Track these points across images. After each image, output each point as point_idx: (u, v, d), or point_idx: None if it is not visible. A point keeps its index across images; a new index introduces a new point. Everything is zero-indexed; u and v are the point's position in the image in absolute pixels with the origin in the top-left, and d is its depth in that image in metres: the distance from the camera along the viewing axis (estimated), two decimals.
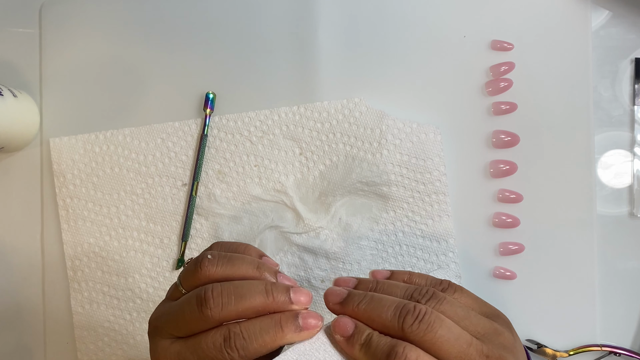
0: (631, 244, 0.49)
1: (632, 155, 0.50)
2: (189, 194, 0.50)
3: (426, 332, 0.28)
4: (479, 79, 0.50)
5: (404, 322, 0.28)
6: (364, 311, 0.30)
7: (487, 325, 0.30)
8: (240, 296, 0.29)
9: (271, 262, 0.34)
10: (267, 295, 0.30)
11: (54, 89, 0.53)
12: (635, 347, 0.49)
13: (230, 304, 0.29)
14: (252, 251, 0.34)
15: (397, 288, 0.32)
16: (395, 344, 0.28)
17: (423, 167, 0.49)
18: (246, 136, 0.50)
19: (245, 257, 0.32)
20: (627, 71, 0.50)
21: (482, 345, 0.29)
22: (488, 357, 0.28)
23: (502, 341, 0.30)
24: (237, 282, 0.30)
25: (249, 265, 0.32)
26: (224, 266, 0.31)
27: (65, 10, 0.53)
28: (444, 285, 0.32)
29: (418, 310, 0.29)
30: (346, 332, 0.30)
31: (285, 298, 0.30)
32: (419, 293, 0.31)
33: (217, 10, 0.52)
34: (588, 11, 0.50)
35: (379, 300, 0.30)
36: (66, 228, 0.51)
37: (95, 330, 0.51)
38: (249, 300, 0.29)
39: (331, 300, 0.32)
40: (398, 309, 0.29)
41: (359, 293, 0.31)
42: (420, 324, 0.28)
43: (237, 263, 0.31)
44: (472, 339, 0.28)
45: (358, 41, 0.51)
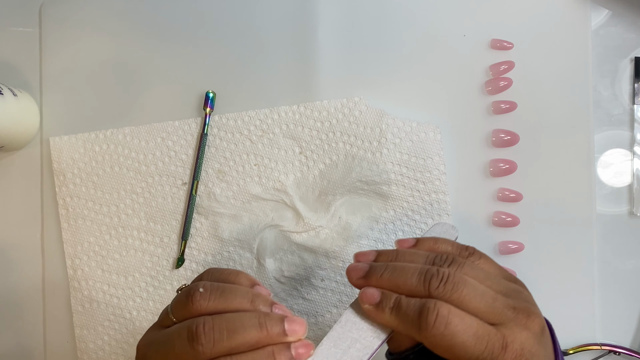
0: (631, 243, 0.49)
1: (632, 154, 0.50)
2: (189, 192, 0.50)
3: (453, 292, 0.29)
4: (478, 78, 0.50)
5: (430, 285, 0.29)
6: (388, 280, 0.31)
7: (508, 285, 0.31)
8: (233, 331, 0.28)
9: (264, 290, 0.32)
10: (261, 328, 0.28)
11: (54, 88, 0.53)
12: (634, 346, 0.49)
13: (223, 340, 0.28)
14: (243, 280, 0.33)
15: (417, 256, 0.32)
16: (425, 301, 0.29)
17: (423, 166, 0.49)
18: (246, 135, 0.51)
19: (238, 288, 0.31)
20: (626, 70, 0.50)
21: (507, 299, 0.30)
22: (515, 309, 0.29)
23: (525, 297, 0.31)
24: (229, 316, 0.29)
25: (242, 297, 0.30)
26: (217, 300, 0.30)
27: (65, 9, 0.53)
28: (470, 250, 0.33)
29: (442, 273, 0.30)
30: (374, 300, 0.30)
31: (280, 330, 0.29)
32: (440, 259, 0.31)
33: (217, 10, 0.52)
34: (588, 10, 0.50)
35: (401, 268, 0.31)
36: (66, 227, 0.51)
37: (95, 329, 0.51)
38: (241, 335, 0.28)
39: (354, 275, 0.32)
40: (422, 274, 0.30)
41: (380, 265, 0.32)
42: (446, 285, 0.29)
43: (229, 296, 0.30)
44: (496, 294, 0.30)
45: (358, 40, 0.51)
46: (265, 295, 0.31)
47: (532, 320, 0.29)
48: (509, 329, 0.29)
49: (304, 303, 0.50)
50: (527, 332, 0.29)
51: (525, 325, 0.29)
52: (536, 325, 0.30)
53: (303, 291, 0.50)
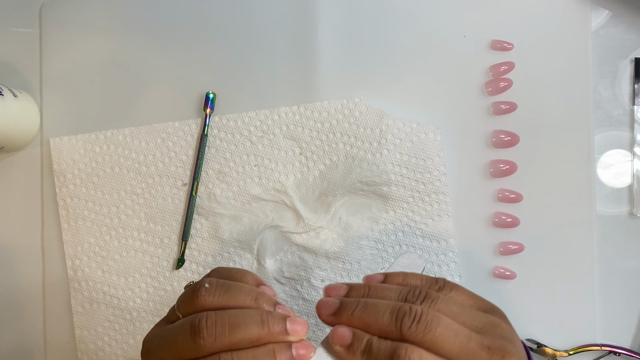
0: (631, 244, 0.49)
1: (632, 155, 0.50)
2: (189, 193, 0.50)
3: (425, 333, 0.28)
4: (478, 79, 0.50)
5: (402, 325, 0.28)
6: (359, 318, 0.30)
7: (483, 319, 0.30)
8: (235, 326, 0.29)
9: (269, 290, 0.33)
10: (263, 325, 0.29)
11: (54, 88, 0.53)
12: (635, 346, 0.49)
13: (224, 334, 0.28)
14: (250, 279, 0.33)
15: (390, 291, 0.31)
16: (396, 346, 0.28)
17: (423, 167, 0.49)
18: (246, 136, 0.51)
19: (242, 285, 0.31)
20: (626, 71, 0.50)
21: (482, 338, 0.29)
22: (490, 349, 0.28)
23: (501, 332, 0.30)
24: (232, 312, 0.29)
25: (247, 295, 0.31)
26: (221, 296, 0.30)
27: (66, 10, 0.53)
28: (440, 283, 0.32)
29: (414, 311, 0.28)
30: (345, 342, 0.29)
31: (281, 328, 0.29)
32: (413, 294, 0.30)
33: (217, 10, 0.52)
34: (588, 11, 0.50)
35: (373, 305, 0.30)
36: (66, 228, 0.51)
37: (95, 329, 0.51)
38: (243, 331, 0.29)
39: (324, 312, 0.31)
40: (394, 312, 0.29)
41: (351, 301, 0.31)
42: (418, 324, 0.28)
43: (234, 293, 0.31)
44: (471, 333, 0.28)
45: (358, 41, 0.51)
46: (270, 295, 0.32)
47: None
48: None
49: (304, 304, 0.50)
50: None
51: None
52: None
53: (303, 292, 0.50)
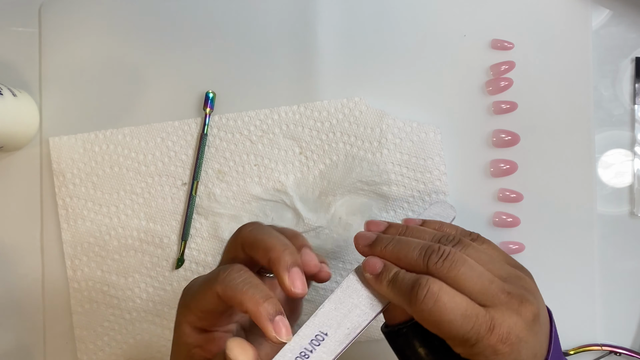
0: (631, 244, 0.49)
1: (633, 155, 0.50)
2: (189, 193, 0.50)
3: (450, 269, 0.30)
4: (479, 78, 0.50)
5: (429, 260, 0.30)
6: (392, 252, 0.32)
7: (510, 270, 0.31)
8: (242, 292, 0.30)
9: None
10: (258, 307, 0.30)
11: (53, 88, 0.53)
12: (635, 346, 0.49)
13: (235, 293, 0.30)
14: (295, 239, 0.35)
15: (425, 233, 0.33)
16: (419, 276, 0.30)
17: (423, 167, 0.49)
18: (246, 135, 0.50)
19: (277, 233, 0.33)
20: (627, 70, 0.50)
21: (504, 284, 0.30)
22: (510, 294, 0.30)
23: (524, 284, 0.31)
24: (254, 281, 0.31)
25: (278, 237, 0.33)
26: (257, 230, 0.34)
27: (65, 9, 0.53)
28: (474, 235, 0.34)
29: (442, 250, 0.30)
30: (375, 270, 0.32)
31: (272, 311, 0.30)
32: (446, 239, 0.32)
33: (217, 10, 0.52)
34: (588, 10, 0.50)
35: (406, 242, 0.32)
36: (66, 227, 0.51)
37: (94, 329, 0.51)
38: (246, 299, 0.30)
39: (361, 242, 0.33)
40: (424, 249, 0.31)
41: (386, 237, 0.33)
42: (444, 261, 0.30)
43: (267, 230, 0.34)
44: (494, 277, 0.30)
45: (358, 40, 0.51)
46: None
47: (525, 306, 0.30)
48: (499, 312, 0.29)
49: (304, 303, 0.50)
50: (517, 317, 0.29)
51: (517, 310, 0.29)
52: (528, 312, 0.30)
53: None
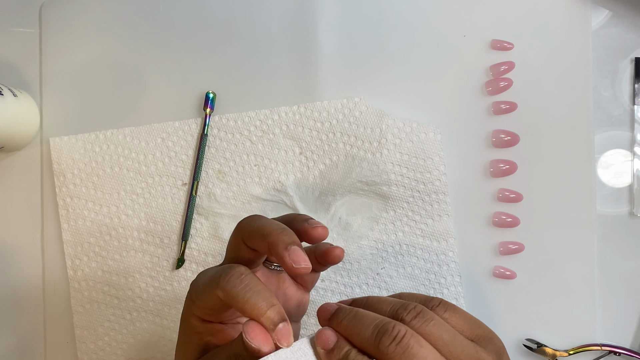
0: (631, 244, 0.49)
1: (632, 155, 0.50)
2: (189, 193, 0.50)
3: (402, 357, 0.27)
4: (478, 79, 0.50)
5: (380, 343, 0.28)
6: (346, 327, 0.30)
7: (471, 352, 0.29)
8: (244, 300, 0.30)
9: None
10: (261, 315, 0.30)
11: (54, 88, 0.53)
12: (635, 346, 0.49)
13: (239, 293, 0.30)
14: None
15: (385, 304, 0.31)
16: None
17: (423, 167, 0.49)
18: (246, 135, 0.51)
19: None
20: (627, 71, 0.50)
21: None
22: None
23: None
24: (255, 287, 0.30)
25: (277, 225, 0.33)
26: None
27: (66, 9, 0.53)
28: (434, 302, 0.31)
29: (396, 332, 0.28)
30: (327, 346, 0.30)
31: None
32: (406, 309, 0.30)
33: (217, 10, 0.52)
34: (588, 11, 0.50)
35: (361, 317, 0.30)
36: (66, 227, 0.51)
37: (95, 329, 0.51)
38: (247, 308, 0.30)
39: (321, 316, 0.32)
40: (377, 328, 0.29)
41: (346, 309, 0.31)
42: (397, 346, 0.28)
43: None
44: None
45: (358, 41, 0.51)
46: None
47: None
48: None
49: None
50: None
51: None
52: None
53: None
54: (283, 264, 0.31)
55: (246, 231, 0.33)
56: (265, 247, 0.32)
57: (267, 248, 0.32)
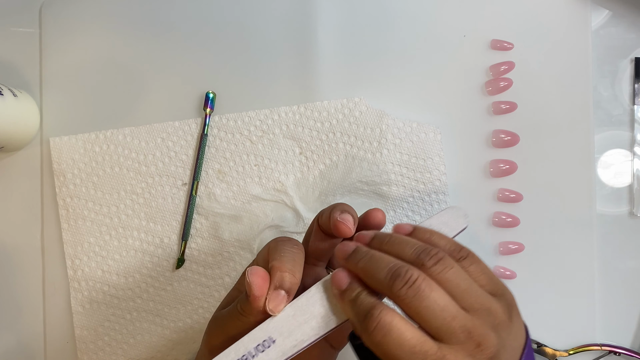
0: (631, 244, 0.49)
1: (632, 155, 0.50)
2: (189, 193, 0.50)
3: (413, 299, 0.28)
4: (478, 79, 0.50)
5: (393, 286, 0.29)
6: (362, 269, 0.31)
7: (484, 301, 0.30)
8: (280, 255, 0.33)
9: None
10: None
11: (54, 88, 0.53)
12: (635, 346, 0.49)
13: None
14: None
15: (406, 245, 0.31)
16: (374, 305, 0.29)
17: (423, 167, 0.49)
18: (246, 135, 0.51)
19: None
20: (627, 70, 0.50)
21: (468, 320, 0.29)
22: (470, 333, 0.28)
23: (493, 320, 0.29)
24: (296, 256, 0.34)
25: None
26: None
27: (66, 9, 0.53)
28: (463, 253, 0.32)
29: (409, 276, 0.29)
30: (340, 287, 0.31)
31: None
32: (427, 254, 0.30)
33: (217, 10, 0.52)
34: (588, 11, 0.50)
35: (377, 259, 0.31)
36: (66, 227, 0.51)
37: (95, 329, 0.51)
38: (277, 261, 0.33)
39: (338, 255, 0.33)
40: (391, 271, 0.29)
41: (362, 251, 0.32)
42: (408, 290, 0.28)
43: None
44: (458, 312, 0.28)
45: (358, 41, 0.51)
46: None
47: (481, 350, 0.28)
48: (453, 352, 0.28)
49: None
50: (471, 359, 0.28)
51: (472, 353, 0.28)
52: (483, 355, 0.28)
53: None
54: (332, 218, 0.34)
55: (322, 211, 0.37)
56: (328, 216, 0.35)
57: (329, 216, 0.35)
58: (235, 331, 0.33)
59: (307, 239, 0.39)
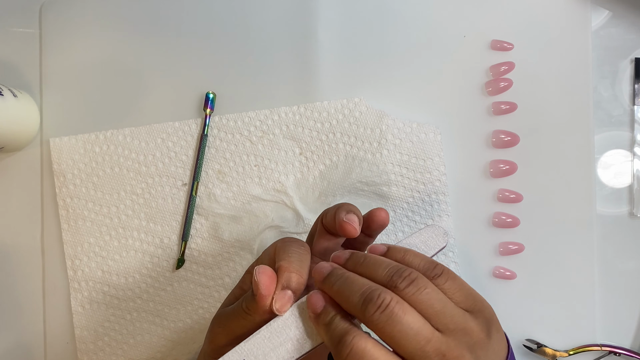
0: (631, 244, 0.49)
1: (632, 155, 0.50)
2: (189, 193, 0.50)
3: (386, 324, 0.28)
4: (479, 79, 0.50)
5: (366, 311, 0.29)
6: (336, 292, 0.31)
7: (459, 321, 0.29)
8: (287, 256, 0.34)
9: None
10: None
11: (54, 88, 0.53)
12: (635, 346, 0.49)
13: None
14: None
15: (380, 267, 0.31)
16: (347, 331, 0.29)
17: (423, 167, 0.49)
18: (246, 136, 0.51)
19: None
20: (627, 71, 0.50)
21: (443, 342, 0.28)
22: (444, 356, 0.28)
23: (468, 340, 0.29)
24: (303, 257, 0.34)
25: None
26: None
27: (66, 10, 0.53)
28: (437, 271, 0.31)
29: (381, 300, 0.28)
30: (315, 310, 0.31)
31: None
32: (399, 275, 0.30)
33: (217, 10, 0.52)
34: (588, 11, 0.50)
35: (351, 282, 0.30)
36: (66, 228, 0.51)
37: (95, 330, 0.51)
38: (284, 261, 0.34)
39: (314, 276, 0.33)
40: (363, 295, 0.29)
41: (337, 273, 0.32)
42: (381, 314, 0.28)
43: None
44: (432, 335, 0.28)
45: (358, 41, 0.51)
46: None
47: None
48: None
49: None
50: None
51: None
52: None
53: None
54: (338, 219, 0.35)
55: (326, 210, 0.38)
56: (333, 216, 0.36)
57: (333, 216, 0.36)
58: (240, 330, 0.33)
59: (311, 238, 0.39)
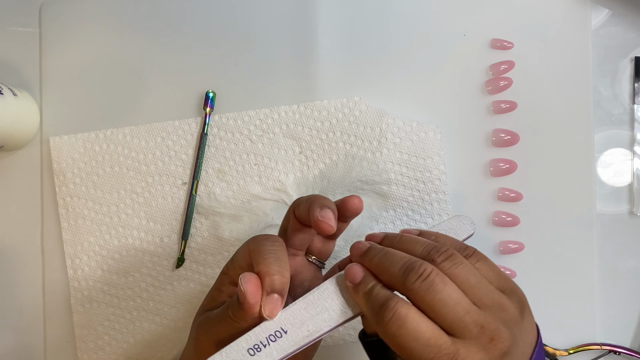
0: (631, 243, 0.49)
1: (632, 154, 0.50)
2: (189, 192, 0.50)
3: (426, 293, 0.29)
4: (478, 78, 0.50)
5: (407, 279, 0.29)
6: (376, 265, 0.32)
7: (495, 297, 0.30)
8: (264, 258, 0.33)
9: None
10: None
11: (54, 87, 0.53)
12: (635, 345, 0.49)
13: None
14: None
15: (417, 244, 0.32)
16: (390, 297, 0.30)
17: (423, 166, 0.49)
18: (246, 135, 0.51)
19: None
20: (627, 70, 0.50)
21: (481, 315, 0.29)
22: (482, 328, 0.28)
23: (504, 316, 0.30)
24: (280, 255, 0.34)
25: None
26: None
27: (66, 9, 0.53)
28: (469, 251, 0.32)
29: (423, 270, 0.29)
30: (354, 280, 0.32)
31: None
32: (437, 251, 0.31)
33: (217, 9, 0.52)
34: (588, 10, 0.50)
35: (391, 255, 0.31)
36: (66, 227, 0.51)
37: (95, 328, 0.51)
38: (263, 265, 0.33)
39: (353, 253, 0.34)
40: (405, 265, 0.30)
41: (376, 247, 0.33)
42: (421, 283, 0.29)
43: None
44: (471, 307, 0.29)
45: (358, 40, 0.51)
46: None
47: (494, 344, 0.28)
48: (466, 346, 0.28)
49: None
50: (484, 354, 0.28)
51: (485, 347, 0.28)
52: (496, 350, 0.28)
53: None
54: (313, 216, 0.34)
55: (297, 202, 0.37)
56: (306, 210, 0.35)
57: (307, 211, 0.35)
58: (226, 335, 0.33)
59: (284, 230, 0.39)
